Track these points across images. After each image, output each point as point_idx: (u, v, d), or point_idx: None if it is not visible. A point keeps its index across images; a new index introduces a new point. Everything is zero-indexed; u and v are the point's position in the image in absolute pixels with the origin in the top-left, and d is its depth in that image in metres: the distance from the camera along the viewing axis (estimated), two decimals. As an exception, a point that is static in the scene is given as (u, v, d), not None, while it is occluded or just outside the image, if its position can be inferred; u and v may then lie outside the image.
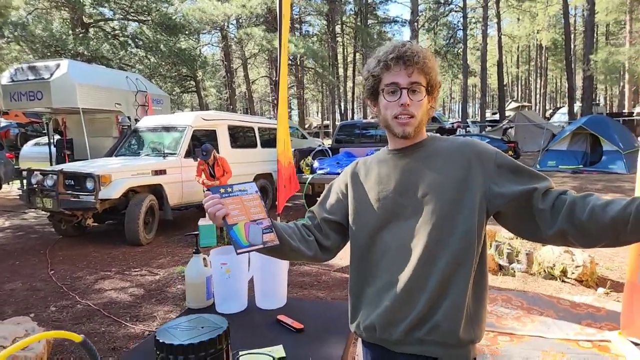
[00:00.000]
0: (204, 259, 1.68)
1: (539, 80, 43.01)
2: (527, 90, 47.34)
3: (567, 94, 25.18)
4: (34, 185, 5.62)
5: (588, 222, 0.94)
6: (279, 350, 1.23)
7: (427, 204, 1.08)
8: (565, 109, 25.51)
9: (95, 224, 6.18)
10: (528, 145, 18.69)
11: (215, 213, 1.05)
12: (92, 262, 4.99)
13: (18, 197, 6.80)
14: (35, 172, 5.74)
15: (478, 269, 1.09)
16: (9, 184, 10.59)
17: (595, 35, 28.74)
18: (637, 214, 0.88)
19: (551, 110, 35.59)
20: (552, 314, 3.27)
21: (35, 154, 10.45)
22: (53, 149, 8.97)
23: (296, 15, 26.51)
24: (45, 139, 9.89)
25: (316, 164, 7.27)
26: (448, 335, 1.04)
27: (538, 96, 43.37)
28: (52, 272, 4.63)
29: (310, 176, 6.92)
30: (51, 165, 8.09)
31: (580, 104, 21.11)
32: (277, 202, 5.10)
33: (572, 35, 29.11)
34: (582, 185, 10.35)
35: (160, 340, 0.67)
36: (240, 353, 1.18)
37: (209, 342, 0.67)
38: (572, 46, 27.69)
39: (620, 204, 0.91)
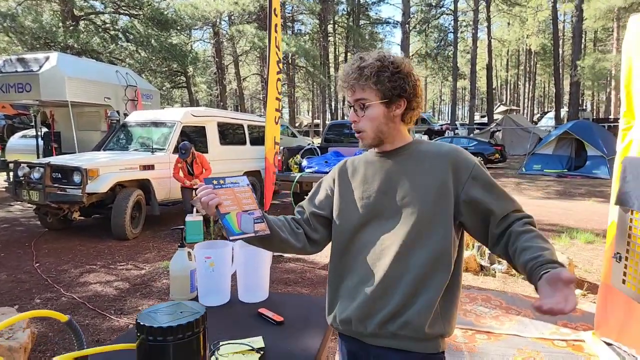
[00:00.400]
0: (189, 252, 1.71)
1: (527, 85, 43.58)
2: (516, 94, 47.87)
3: (554, 99, 25.61)
4: (21, 178, 5.59)
5: (511, 259, 1.05)
6: (258, 341, 1.27)
7: (407, 206, 1.13)
8: (552, 114, 25.93)
9: (82, 217, 6.16)
10: (515, 148, 18.94)
11: (209, 202, 1.09)
12: (78, 255, 5.00)
13: (4, 189, 6.75)
14: (22, 165, 5.71)
15: (452, 271, 1.12)
16: (-6, 176, 10.47)
17: (583, 41, 29.22)
18: (530, 272, 0.95)
19: (539, 115, 36.10)
20: (530, 314, 3.35)
21: (22, 146, 10.33)
22: (40, 142, 8.90)
23: (289, 14, 26.49)
24: (32, 132, 9.80)
25: (304, 162, 7.34)
26: (418, 331, 1.09)
27: (526, 100, 43.96)
28: (37, 264, 4.64)
29: (299, 174, 6.99)
30: (38, 158, 8.04)
31: (567, 109, 21.46)
32: (264, 200, 5.16)
33: (561, 41, 29.62)
34: (566, 189, 10.52)
35: (141, 323, 0.71)
36: (221, 343, 1.23)
37: (187, 325, 0.71)
38: (561, 52, 28.16)
39: (533, 253, 0.97)
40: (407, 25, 17.60)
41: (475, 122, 25.32)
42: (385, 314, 1.10)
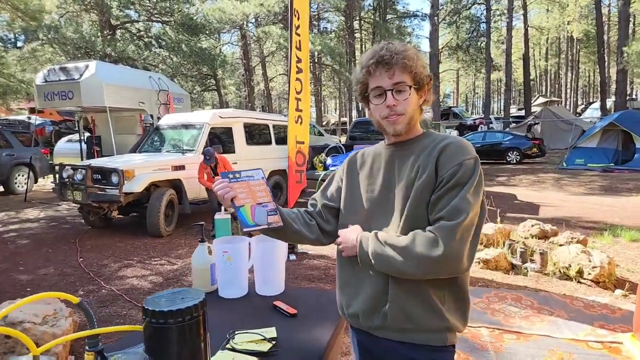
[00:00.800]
0: (209, 247, 1.78)
1: (569, 74, 41.37)
2: (557, 85, 45.64)
3: (599, 89, 24.27)
4: (66, 179, 6.00)
5: None
6: (271, 332, 1.33)
7: (405, 202, 1.11)
8: (597, 104, 24.55)
9: (120, 216, 6.54)
10: (555, 142, 17.97)
11: (224, 195, 1.16)
12: (117, 251, 5.32)
13: (52, 190, 7.27)
14: (67, 167, 6.12)
15: None
16: (43, 178, 11.22)
17: (632, 25, 27.46)
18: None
19: (583, 106, 34.33)
20: (564, 314, 3.21)
21: (68, 150, 11.01)
22: (84, 146, 9.48)
23: (314, 12, 26.49)
24: (77, 136, 10.45)
25: (329, 160, 7.44)
26: (421, 325, 1.10)
27: (569, 91, 41.77)
28: (81, 259, 4.98)
29: (323, 172, 7.10)
30: (82, 160, 8.57)
31: (614, 99, 20.24)
32: (288, 197, 5.31)
33: (606, 27, 27.91)
34: (612, 184, 9.93)
35: (146, 307, 0.80)
36: (236, 332, 1.32)
37: (185, 310, 0.79)
38: (606, 38, 26.56)
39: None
40: (436, 18, 17.27)
41: (511, 115, 24.41)
42: (388, 309, 1.12)
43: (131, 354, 0.81)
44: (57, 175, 6.34)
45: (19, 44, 19.50)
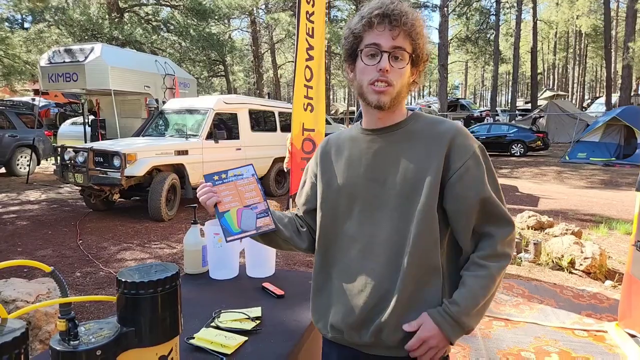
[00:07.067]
0: (201, 229, 1.79)
1: (577, 69, 41.08)
2: (564, 79, 45.33)
3: (605, 84, 24.10)
4: (67, 161, 5.98)
5: None
6: (256, 311, 1.37)
7: (397, 197, 0.98)
8: (603, 99, 24.48)
9: (122, 199, 6.53)
10: (560, 135, 18.13)
11: (206, 202, 1.05)
12: (117, 234, 5.32)
13: (53, 172, 7.27)
14: (68, 149, 6.10)
15: (452, 269, 1.01)
16: (46, 160, 11.22)
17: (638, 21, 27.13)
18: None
19: (589, 100, 34.12)
20: (553, 303, 3.29)
21: (72, 132, 10.99)
22: (88, 129, 9.46)
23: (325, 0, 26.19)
24: (81, 119, 10.42)
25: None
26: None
27: (576, 85, 41.53)
28: (81, 241, 4.98)
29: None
30: (85, 143, 8.55)
31: (620, 94, 20.20)
32: (290, 185, 5.26)
33: (614, 22, 27.57)
34: (612, 178, 10.08)
35: (120, 279, 0.81)
36: (222, 311, 1.34)
37: (156, 282, 0.80)
38: (614, 33, 26.28)
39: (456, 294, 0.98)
40: (445, 9, 17.03)
41: (518, 108, 24.30)
42: (381, 322, 0.97)
43: (103, 323, 0.81)
44: (58, 157, 6.31)
45: (26, 25, 19.38)
